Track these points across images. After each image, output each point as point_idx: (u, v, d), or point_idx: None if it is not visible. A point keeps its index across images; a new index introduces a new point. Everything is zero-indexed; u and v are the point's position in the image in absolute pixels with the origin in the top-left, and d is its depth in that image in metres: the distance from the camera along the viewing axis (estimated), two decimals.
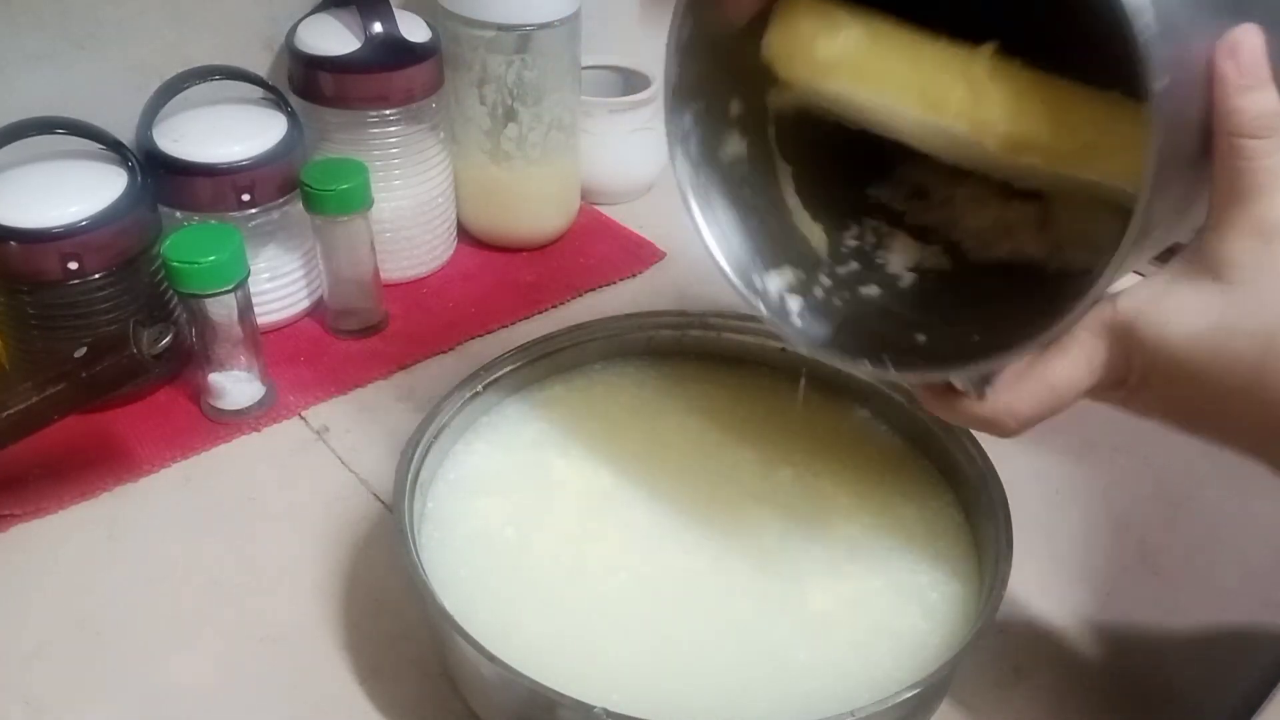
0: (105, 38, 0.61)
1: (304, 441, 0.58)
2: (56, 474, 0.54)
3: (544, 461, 0.50)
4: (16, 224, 0.52)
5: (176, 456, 0.56)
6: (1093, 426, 0.59)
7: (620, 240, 0.73)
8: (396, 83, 0.62)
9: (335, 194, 0.59)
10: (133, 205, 0.55)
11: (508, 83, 0.66)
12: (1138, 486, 0.57)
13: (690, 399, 0.54)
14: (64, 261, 0.53)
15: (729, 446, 0.51)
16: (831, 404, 0.53)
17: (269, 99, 0.63)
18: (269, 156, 0.59)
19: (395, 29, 0.62)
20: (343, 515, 0.53)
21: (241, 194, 0.59)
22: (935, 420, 0.48)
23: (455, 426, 0.49)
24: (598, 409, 0.53)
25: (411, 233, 0.67)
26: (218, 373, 0.57)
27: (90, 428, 0.57)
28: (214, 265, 0.53)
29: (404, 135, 0.64)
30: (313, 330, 0.65)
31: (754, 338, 0.54)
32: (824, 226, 0.46)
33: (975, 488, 0.46)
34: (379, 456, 0.56)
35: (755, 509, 0.48)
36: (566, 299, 0.68)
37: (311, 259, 0.64)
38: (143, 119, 0.59)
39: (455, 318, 0.66)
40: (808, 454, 0.51)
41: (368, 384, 0.62)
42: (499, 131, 0.68)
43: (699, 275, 0.67)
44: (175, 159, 0.58)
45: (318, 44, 0.62)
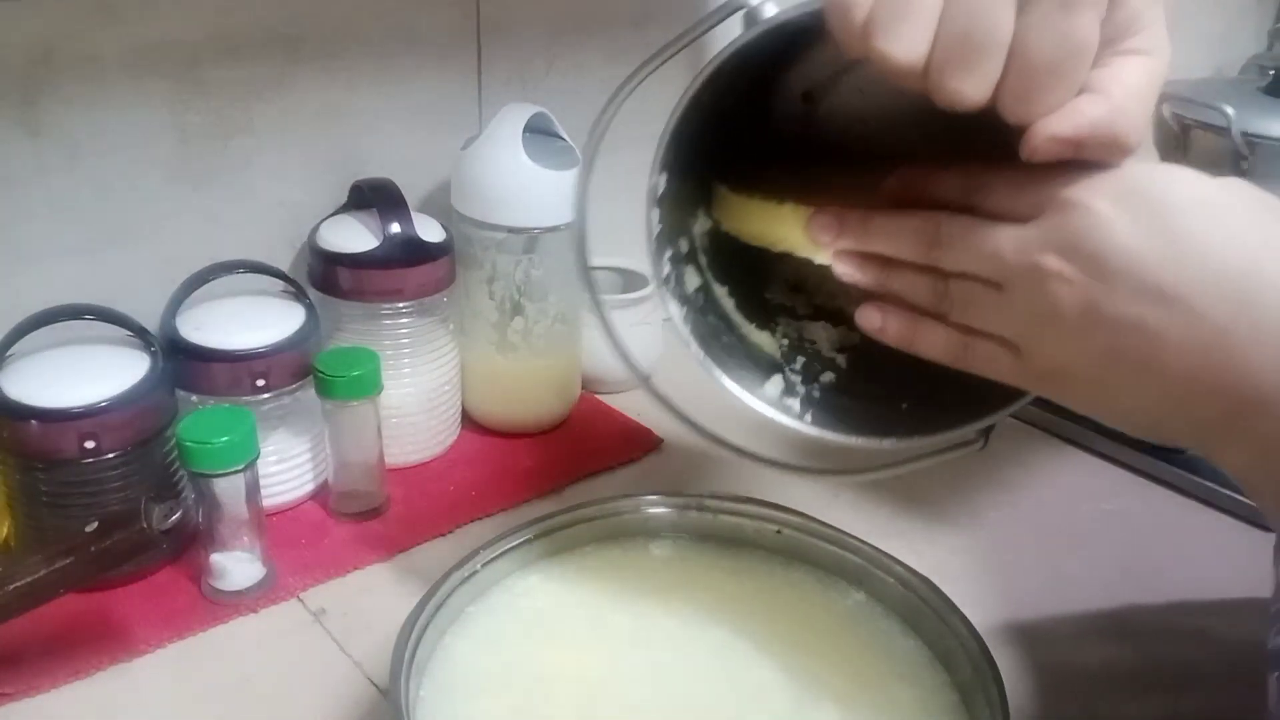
0: (139, 233, 0.65)
1: (301, 624, 0.58)
2: (52, 652, 0.53)
3: (533, 652, 0.50)
4: (37, 403, 0.54)
5: (173, 637, 0.56)
6: (1085, 618, 0.60)
7: (619, 427, 0.76)
8: (411, 279, 0.66)
9: (347, 380, 0.62)
10: (152, 388, 0.57)
11: (516, 280, 0.70)
12: (1135, 673, 0.56)
13: (684, 580, 0.54)
14: (81, 440, 0.55)
15: (723, 628, 0.51)
16: (826, 585, 0.54)
17: (289, 291, 0.66)
18: (285, 344, 0.62)
19: (412, 230, 0.66)
20: (337, 700, 0.53)
21: (257, 379, 0.61)
22: (929, 602, 0.50)
23: (452, 607, 0.50)
24: (594, 591, 0.53)
25: (418, 419, 0.70)
26: (220, 552, 0.58)
27: (88, 606, 0.57)
28: (226, 446, 0.55)
29: (415, 326, 0.68)
30: (315, 513, 0.66)
31: (750, 520, 0.55)
32: (767, 332, 0.51)
33: (970, 669, 0.47)
34: (375, 640, 0.56)
35: (752, 691, 0.48)
36: (565, 483, 0.70)
37: (319, 444, 0.66)
38: (168, 308, 0.63)
39: (456, 501, 0.67)
40: (803, 635, 0.51)
41: (366, 566, 0.62)
42: (506, 324, 0.71)
43: (694, 462, 0.70)
44: (195, 345, 0.61)
45: (338, 242, 0.66)
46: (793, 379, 0.50)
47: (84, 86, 0.61)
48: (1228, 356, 0.34)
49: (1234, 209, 0.35)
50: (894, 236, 0.41)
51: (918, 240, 0.40)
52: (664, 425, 0.75)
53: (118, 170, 0.64)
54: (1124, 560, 0.63)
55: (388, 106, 0.73)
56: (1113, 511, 0.66)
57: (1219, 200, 0.35)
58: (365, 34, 0.71)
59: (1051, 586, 0.62)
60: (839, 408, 0.48)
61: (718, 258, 0.51)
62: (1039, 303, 0.37)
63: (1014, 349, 0.39)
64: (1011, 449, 0.74)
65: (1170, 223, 0.34)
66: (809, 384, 0.50)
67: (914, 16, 0.34)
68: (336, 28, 0.70)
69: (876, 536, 0.54)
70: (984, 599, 0.50)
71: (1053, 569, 0.63)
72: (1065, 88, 0.34)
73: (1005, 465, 0.72)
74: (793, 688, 0.48)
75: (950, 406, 0.44)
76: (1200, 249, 0.34)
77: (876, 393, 0.48)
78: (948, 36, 0.34)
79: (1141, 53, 0.35)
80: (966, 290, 0.40)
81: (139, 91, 0.63)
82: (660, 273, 0.48)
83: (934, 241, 0.40)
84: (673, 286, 0.48)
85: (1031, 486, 0.71)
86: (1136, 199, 0.35)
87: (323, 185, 0.72)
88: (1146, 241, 0.34)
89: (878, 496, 0.68)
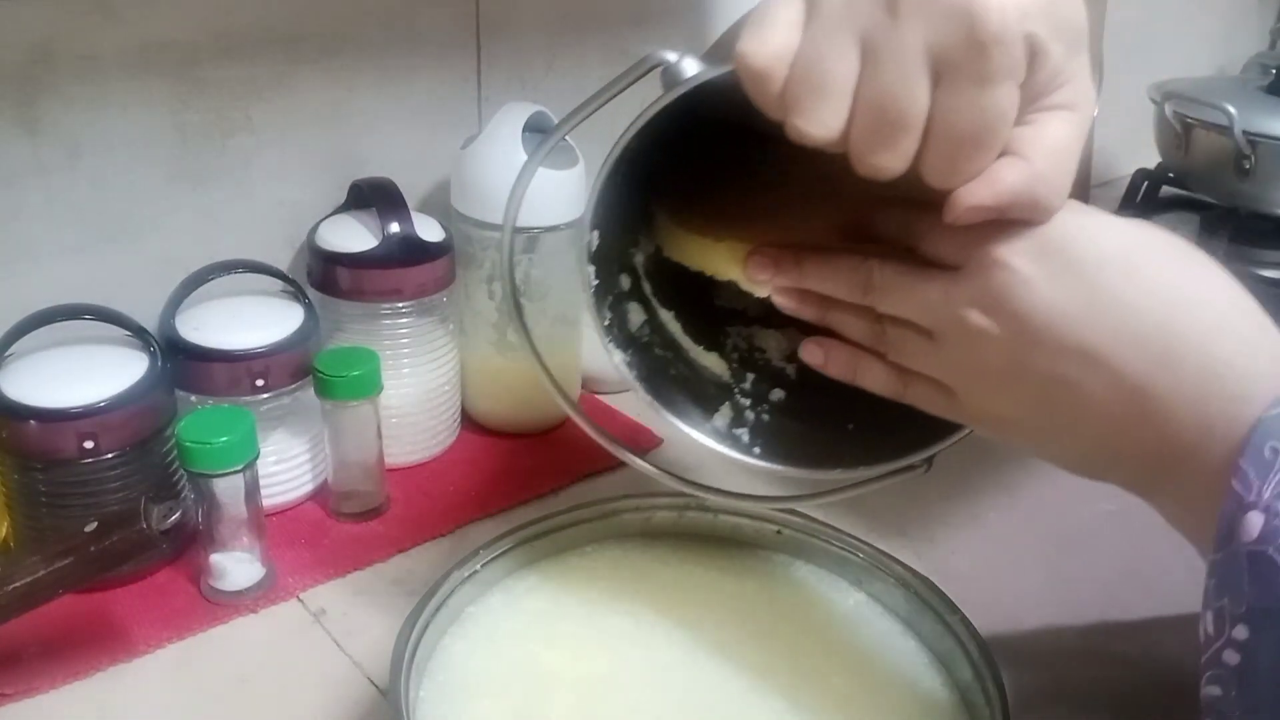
0: (138, 233, 0.65)
1: (301, 624, 0.58)
2: (51, 652, 0.53)
3: (533, 653, 0.50)
4: (36, 403, 0.54)
5: (172, 637, 0.56)
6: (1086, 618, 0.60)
7: (619, 427, 0.76)
8: (410, 278, 0.66)
9: (346, 380, 0.62)
10: (151, 388, 0.57)
11: (515, 280, 0.70)
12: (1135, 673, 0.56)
13: (684, 580, 0.54)
14: (80, 440, 0.55)
15: (724, 628, 0.51)
16: (826, 585, 0.54)
17: (288, 291, 0.66)
18: (284, 344, 0.62)
19: (411, 229, 0.66)
20: (337, 700, 0.53)
21: (256, 379, 0.61)
22: (929, 602, 0.50)
23: (451, 608, 0.50)
24: (593, 591, 0.53)
25: (417, 419, 0.70)
26: (220, 553, 0.58)
27: (87, 607, 0.57)
28: (225, 445, 0.55)
29: (415, 326, 0.68)
30: (315, 513, 0.66)
31: (750, 520, 0.55)
32: (715, 353, 0.51)
33: (970, 669, 0.46)
34: (375, 639, 0.56)
35: (752, 691, 0.48)
36: (565, 483, 0.70)
37: (318, 444, 0.66)
38: (167, 307, 0.63)
39: (455, 502, 0.67)
40: (803, 635, 0.51)
41: (366, 567, 0.62)
42: (506, 324, 0.71)
43: (695, 461, 0.70)
44: (195, 345, 0.61)
45: (337, 242, 0.66)
46: (742, 403, 0.50)
47: (84, 86, 0.61)
48: (1150, 413, 0.35)
49: (1150, 265, 0.35)
50: (828, 279, 0.42)
51: (851, 285, 0.41)
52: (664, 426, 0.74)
53: (117, 169, 0.64)
54: (1124, 560, 0.63)
55: (388, 106, 0.73)
56: (1113, 512, 0.66)
57: (1136, 257, 0.36)
58: (365, 34, 0.71)
59: (1051, 586, 0.62)
60: (787, 435, 0.48)
61: (663, 281, 0.50)
62: (967, 356, 0.38)
63: (949, 391, 0.40)
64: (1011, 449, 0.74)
65: (1089, 281, 0.35)
66: (758, 406, 0.50)
67: (828, 95, 0.34)
68: (336, 28, 0.69)
69: (876, 536, 0.54)
70: (984, 599, 0.50)
71: (1053, 569, 0.63)
72: (984, 157, 0.34)
73: (1005, 465, 0.72)
74: (793, 688, 0.48)
75: (895, 427, 0.44)
76: (1118, 308, 0.35)
77: (823, 410, 0.47)
78: (864, 115, 0.34)
79: (1064, 107, 0.35)
80: (900, 335, 0.41)
81: (139, 91, 0.63)
82: (601, 322, 0.47)
83: (866, 287, 0.40)
84: (615, 333, 0.48)
85: (1031, 486, 0.70)
86: (1058, 258, 0.35)
87: (322, 185, 0.72)
88: (1066, 301, 0.35)
89: (878, 496, 0.68)
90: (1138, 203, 1.12)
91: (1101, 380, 0.35)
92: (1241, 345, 0.35)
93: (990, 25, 0.31)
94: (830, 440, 0.47)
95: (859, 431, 0.47)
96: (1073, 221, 0.36)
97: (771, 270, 0.43)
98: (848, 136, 0.34)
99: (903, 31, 0.32)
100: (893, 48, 0.33)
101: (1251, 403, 0.34)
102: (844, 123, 0.34)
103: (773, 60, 0.34)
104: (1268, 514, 0.32)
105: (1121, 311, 0.35)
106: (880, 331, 0.42)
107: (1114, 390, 0.35)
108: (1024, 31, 0.32)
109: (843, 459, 0.46)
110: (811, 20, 0.34)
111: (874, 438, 0.45)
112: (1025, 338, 0.36)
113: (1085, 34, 0.34)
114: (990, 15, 0.31)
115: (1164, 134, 1.06)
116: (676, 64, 0.38)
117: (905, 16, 0.32)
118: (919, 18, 0.32)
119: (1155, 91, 1.06)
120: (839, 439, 0.47)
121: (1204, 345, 0.34)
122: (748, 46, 0.34)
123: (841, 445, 0.47)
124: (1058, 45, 0.33)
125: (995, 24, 0.31)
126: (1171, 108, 1.03)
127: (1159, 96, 1.04)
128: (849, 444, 0.47)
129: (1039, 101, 0.34)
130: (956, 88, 0.33)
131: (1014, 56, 0.32)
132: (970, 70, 0.32)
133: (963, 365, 0.39)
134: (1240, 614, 0.33)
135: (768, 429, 0.49)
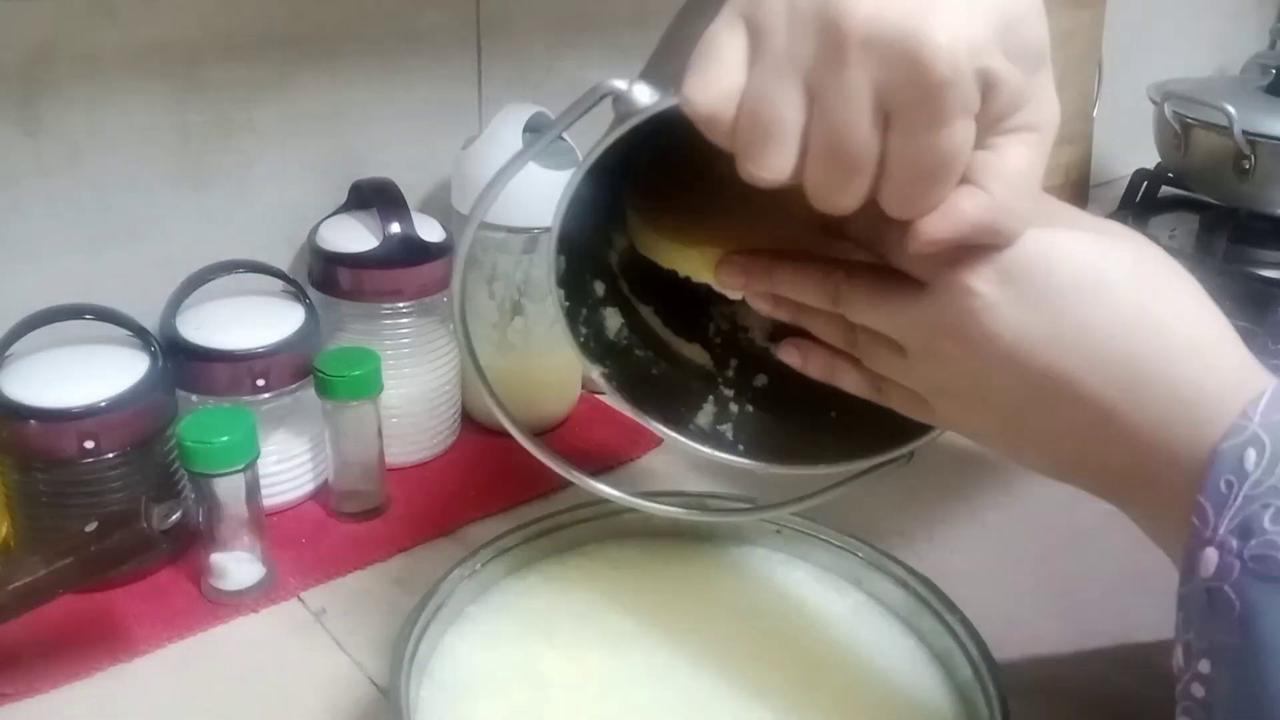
0: (138, 233, 0.65)
1: (301, 623, 0.58)
2: (51, 652, 0.53)
3: (533, 653, 0.50)
4: (37, 403, 0.54)
5: (173, 637, 0.56)
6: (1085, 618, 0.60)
7: (618, 426, 0.76)
8: (411, 279, 0.66)
9: (347, 380, 0.62)
10: (151, 388, 0.57)
11: (516, 280, 0.70)
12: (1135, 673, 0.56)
13: (684, 580, 0.54)
14: (81, 440, 0.55)
15: (724, 628, 0.51)
16: (826, 585, 0.54)
17: (289, 291, 0.66)
18: (285, 344, 0.62)
19: (412, 229, 0.66)
20: (337, 700, 0.53)
21: (257, 379, 0.61)
22: (929, 602, 0.50)
23: (452, 607, 0.50)
24: (593, 591, 0.53)
25: (418, 419, 0.70)
26: (220, 553, 0.58)
27: (88, 606, 0.57)
28: (226, 445, 0.55)
29: (415, 326, 0.68)
30: (315, 513, 0.66)
31: (750, 519, 0.55)
32: (697, 342, 0.51)
33: (970, 669, 0.47)
34: (376, 639, 0.56)
35: (752, 691, 0.48)
36: (565, 484, 0.69)
37: (319, 444, 0.66)
38: (168, 307, 0.63)
39: (456, 501, 0.67)
40: (803, 635, 0.51)
41: (367, 566, 0.62)
42: (506, 325, 0.71)
43: (695, 461, 0.70)
44: (195, 345, 0.61)
45: (338, 242, 0.66)
46: (725, 394, 0.49)
47: (84, 86, 0.61)
48: (1115, 436, 0.35)
49: (1118, 287, 0.35)
50: (798, 287, 0.41)
51: (820, 295, 0.41)
52: None
53: (117, 170, 0.64)
54: (1124, 560, 0.63)
55: (388, 107, 0.73)
56: (1113, 511, 0.66)
57: (1100, 278, 0.35)
58: (365, 34, 0.71)
59: (1051, 586, 0.62)
60: (770, 429, 0.48)
61: (639, 275, 0.49)
62: (934, 374, 0.38)
63: (923, 399, 0.40)
64: None
65: (1054, 306, 0.35)
66: (742, 397, 0.49)
67: (776, 140, 0.33)
68: (336, 28, 0.70)
69: (876, 536, 0.54)
70: (984, 599, 0.50)
71: (1053, 569, 0.63)
72: (942, 190, 0.33)
73: (1005, 465, 0.72)
74: (792, 687, 0.48)
75: (879, 414, 0.43)
76: (1082, 332, 0.35)
77: (806, 396, 0.47)
78: (815, 159, 0.33)
79: (1025, 129, 0.34)
80: (871, 345, 0.40)
81: (139, 91, 0.63)
82: (577, 340, 0.46)
83: (834, 299, 0.40)
84: (592, 346, 0.47)
85: (1031, 486, 0.70)
86: (1023, 282, 0.35)
87: (323, 185, 0.72)
88: (1030, 326, 0.35)
89: (878, 496, 0.68)
90: (1137, 203, 1.11)
91: (1066, 402, 0.35)
92: (1206, 370, 0.34)
93: (939, 69, 0.30)
94: (814, 431, 0.47)
95: (843, 419, 0.46)
96: (1041, 241, 0.35)
97: (743, 278, 0.43)
98: (801, 175, 0.34)
99: (849, 75, 0.31)
100: (839, 91, 0.31)
101: (1215, 427, 0.33)
102: (794, 165, 0.33)
103: (719, 103, 0.33)
104: (1222, 550, 0.32)
105: (1086, 336, 0.35)
106: (853, 339, 0.41)
107: (1080, 412, 0.36)
108: (976, 67, 0.31)
109: (826, 453, 0.46)
110: (757, 59, 0.33)
111: (857, 426, 0.45)
112: (990, 361, 0.36)
113: (1046, 51, 0.33)
114: (939, 57, 0.30)
115: (1164, 134, 1.06)
116: (627, 92, 0.37)
117: (852, 58, 0.31)
118: (866, 59, 0.31)
119: (1155, 91, 1.06)
120: (822, 428, 0.47)
121: (1168, 370, 0.34)
122: (694, 92, 0.34)
123: (825, 436, 0.46)
124: (1015, 72, 0.32)
125: (945, 67, 0.30)
126: (1171, 108, 1.03)
127: (1159, 96, 1.05)
128: (833, 434, 0.46)
129: (999, 125, 0.33)
130: (908, 129, 0.32)
131: (966, 96, 0.31)
132: (921, 113, 0.31)
133: (931, 381, 0.39)
134: (1203, 648, 0.32)
135: (751, 423, 0.49)
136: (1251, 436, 0.32)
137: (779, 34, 0.32)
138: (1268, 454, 0.32)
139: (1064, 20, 0.33)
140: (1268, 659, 0.30)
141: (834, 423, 0.47)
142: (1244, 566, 0.31)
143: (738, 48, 0.33)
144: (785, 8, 0.32)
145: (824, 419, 0.47)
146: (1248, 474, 0.32)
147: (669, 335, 0.51)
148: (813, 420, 0.47)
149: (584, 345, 0.47)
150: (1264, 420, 0.32)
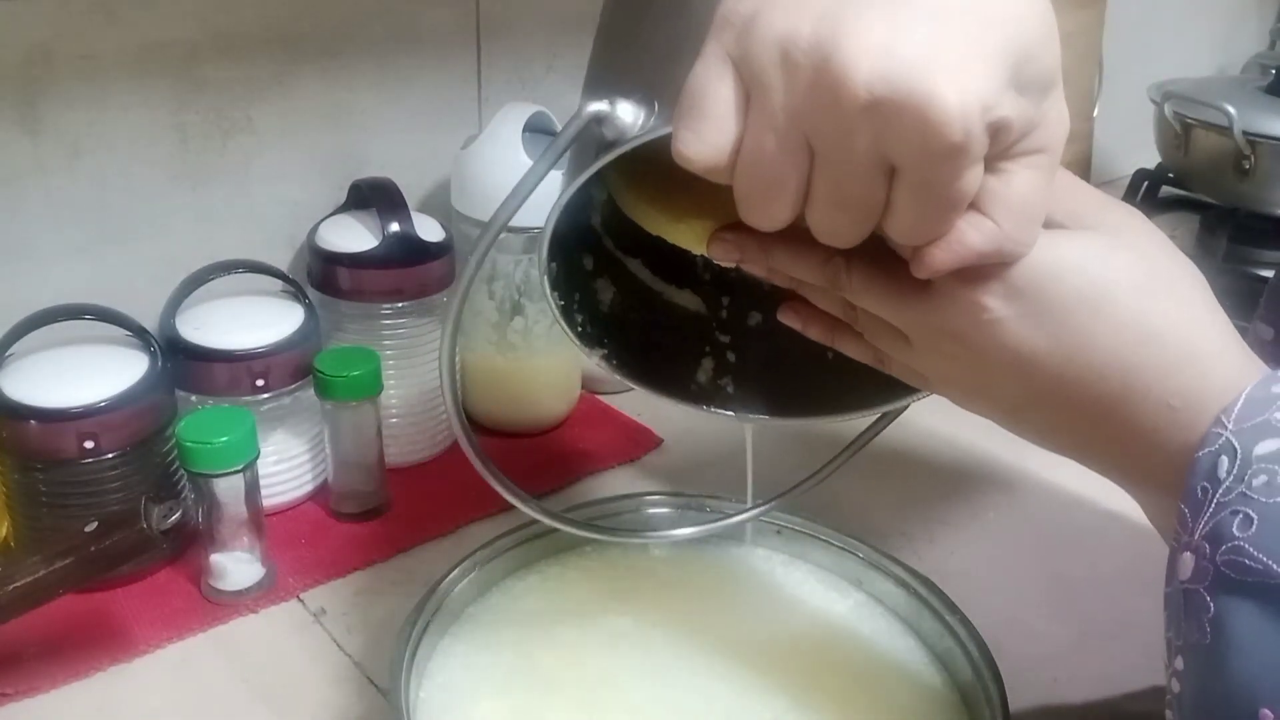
0: (138, 233, 0.65)
1: (301, 624, 0.58)
2: (51, 653, 0.53)
3: (533, 653, 0.50)
4: (37, 403, 0.54)
5: (172, 637, 0.56)
6: (1085, 618, 0.60)
7: (619, 426, 0.76)
8: (410, 278, 0.66)
9: (347, 380, 0.62)
10: (151, 388, 0.57)
11: (515, 280, 0.70)
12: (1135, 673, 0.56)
13: (684, 580, 0.54)
14: (80, 440, 0.55)
15: (723, 628, 0.51)
16: (826, 585, 0.54)
17: (288, 291, 0.66)
18: (284, 344, 0.62)
19: (411, 229, 0.66)
20: (337, 700, 0.53)
21: (256, 379, 0.61)
22: (929, 602, 0.50)
23: (451, 608, 0.50)
24: (592, 591, 0.53)
25: (417, 419, 0.70)
26: (220, 553, 0.58)
27: (88, 606, 0.57)
28: (225, 445, 0.55)
29: (415, 326, 0.68)
30: (315, 513, 0.66)
31: (750, 519, 0.55)
32: (688, 288, 0.50)
33: (970, 669, 0.47)
34: (375, 639, 0.56)
35: (751, 691, 0.48)
36: (566, 483, 0.70)
37: (318, 444, 0.66)
38: (167, 307, 0.63)
39: (455, 502, 0.67)
40: (803, 635, 0.51)
41: (367, 567, 0.62)
42: (505, 324, 0.71)
43: (696, 461, 0.70)
44: (195, 345, 0.61)
45: (337, 242, 0.66)
46: (721, 340, 0.49)
47: (84, 86, 0.61)
48: (1111, 438, 0.36)
49: (1121, 301, 0.35)
50: (796, 268, 0.40)
51: (819, 277, 0.40)
52: (664, 425, 0.75)
53: (117, 170, 0.64)
54: (1124, 560, 0.63)
55: (388, 107, 0.73)
56: (1113, 512, 0.66)
57: (1105, 291, 0.35)
58: (365, 34, 0.71)
59: (1051, 586, 0.62)
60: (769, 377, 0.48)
61: (624, 228, 0.47)
62: (936, 366, 0.38)
63: (925, 378, 0.40)
64: (1011, 448, 0.74)
65: (1058, 321, 0.35)
66: (739, 343, 0.49)
67: (778, 195, 0.32)
68: (336, 28, 0.70)
69: (876, 536, 0.54)
70: (984, 599, 0.50)
71: (1053, 569, 0.63)
72: (948, 223, 0.33)
73: (1005, 465, 0.72)
74: (793, 687, 0.48)
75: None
76: (1084, 346, 0.35)
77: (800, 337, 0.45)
78: (818, 208, 0.33)
79: (1034, 151, 0.33)
80: (873, 324, 0.40)
81: (139, 91, 0.63)
82: (574, 330, 0.46)
83: (834, 283, 0.39)
84: (589, 331, 0.46)
85: (1031, 486, 0.70)
86: (1029, 298, 0.35)
87: (322, 185, 0.72)
88: (1034, 340, 0.35)
89: (878, 496, 0.68)
90: (1138, 203, 1.11)
91: (1068, 408, 0.36)
92: (1200, 379, 0.35)
93: (951, 135, 0.29)
94: (811, 375, 0.47)
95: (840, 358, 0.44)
96: (1048, 256, 0.35)
97: (736, 256, 0.41)
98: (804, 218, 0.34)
99: (855, 135, 0.30)
100: (844, 154, 0.30)
101: (1199, 435, 0.34)
102: (796, 213, 0.33)
103: (715, 157, 0.32)
104: (1197, 555, 0.32)
105: (1087, 350, 0.35)
106: (854, 315, 0.41)
107: (1079, 418, 0.36)
108: (989, 121, 0.29)
109: (826, 402, 0.46)
110: (754, 109, 0.32)
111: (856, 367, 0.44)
112: (993, 367, 0.36)
113: (1059, 74, 0.32)
114: (951, 122, 0.28)
115: (1164, 134, 1.06)
116: (612, 114, 0.36)
117: (856, 124, 0.29)
118: (871, 124, 0.29)
119: (1155, 91, 1.06)
120: (820, 373, 0.46)
121: (1161, 381, 0.35)
122: (686, 146, 0.33)
123: (825, 379, 0.46)
124: (1027, 107, 0.31)
125: (957, 132, 0.28)
126: (1171, 108, 1.03)
127: (1159, 96, 1.05)
128: (832, 378, 0.46)
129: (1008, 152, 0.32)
130: (916, 183, 0.31)
131: (977, 150, 0.30)
132: (930, 174, 0.30)
133: (934, 369, 0.39)
134: (1179, 646, 0.33)
135: (750, 373, 0.48)
136: (1225, 444, 0.33)
137: (775, 90, 0.31)
138: (1239, 461, 0.32)
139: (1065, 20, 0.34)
140: (1233, 656, 0.30)
141: (831, 365, 0.46)
142: (1216, 570, 0.31)
143: (728, 99, 0.32)
144: (779, 59, 0.30)
145: (822, 360, 0.46)
146: (1220, 481, 0.32)
147: (660, 285, 0.50)
148: (810, 364, 0.47)
149: (581, 333, 0.46)
150: (1236, 428, 0.33)
